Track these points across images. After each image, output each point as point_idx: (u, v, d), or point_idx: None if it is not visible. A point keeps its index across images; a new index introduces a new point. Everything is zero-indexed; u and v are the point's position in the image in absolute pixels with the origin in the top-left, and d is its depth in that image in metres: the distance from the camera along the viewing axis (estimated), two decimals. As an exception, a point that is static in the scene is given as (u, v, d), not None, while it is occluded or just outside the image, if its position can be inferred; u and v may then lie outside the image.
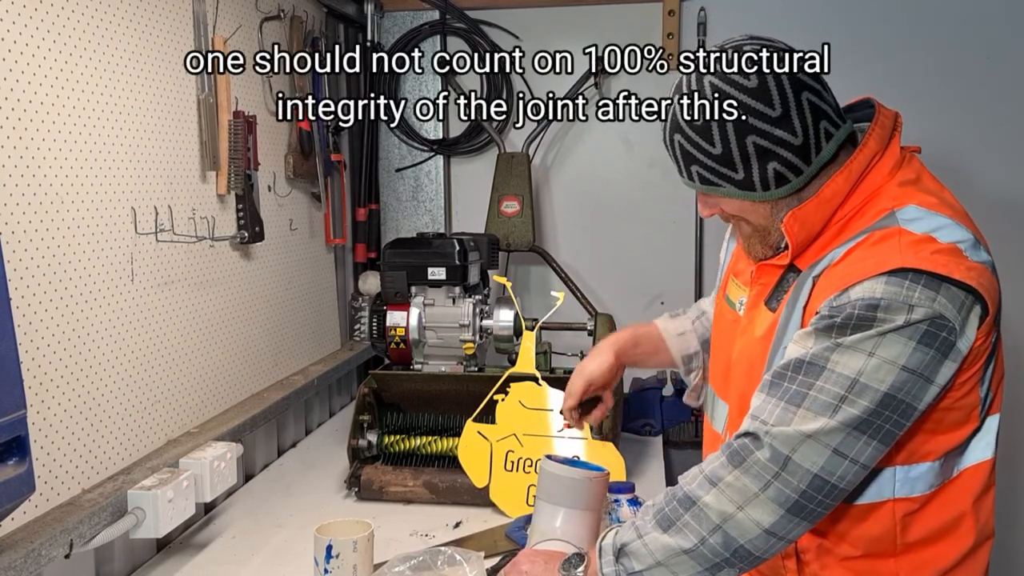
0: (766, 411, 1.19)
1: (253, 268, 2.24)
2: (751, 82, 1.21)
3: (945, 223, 1.21)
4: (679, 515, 1.20)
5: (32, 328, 1.45)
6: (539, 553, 1.36)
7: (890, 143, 1.29)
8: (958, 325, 1.15)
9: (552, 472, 1.42)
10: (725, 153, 1.24)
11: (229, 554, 1.77)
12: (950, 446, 1.24)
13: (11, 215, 1.40)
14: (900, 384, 1.14)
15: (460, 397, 2.10)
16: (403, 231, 3.02)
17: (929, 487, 1.25)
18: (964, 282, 1.15)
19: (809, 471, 1.14)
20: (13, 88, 1.41)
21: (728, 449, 1.20)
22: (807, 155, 1.24)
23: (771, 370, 1.22)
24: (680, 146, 1.28)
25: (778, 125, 1.21)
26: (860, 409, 1.14)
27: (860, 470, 1.16)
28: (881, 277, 1.15)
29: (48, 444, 1.48)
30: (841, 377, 1.15)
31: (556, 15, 2.91)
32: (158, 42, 1.81)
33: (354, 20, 2.89)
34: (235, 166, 2.05)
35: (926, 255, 1.16)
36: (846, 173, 1.25)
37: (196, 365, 1.97)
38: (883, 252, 1.18)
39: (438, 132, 3.00)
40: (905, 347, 1.14)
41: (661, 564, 1.20)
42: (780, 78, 1.21)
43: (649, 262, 2.96)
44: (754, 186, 1.26)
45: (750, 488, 1.16)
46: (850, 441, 1.15)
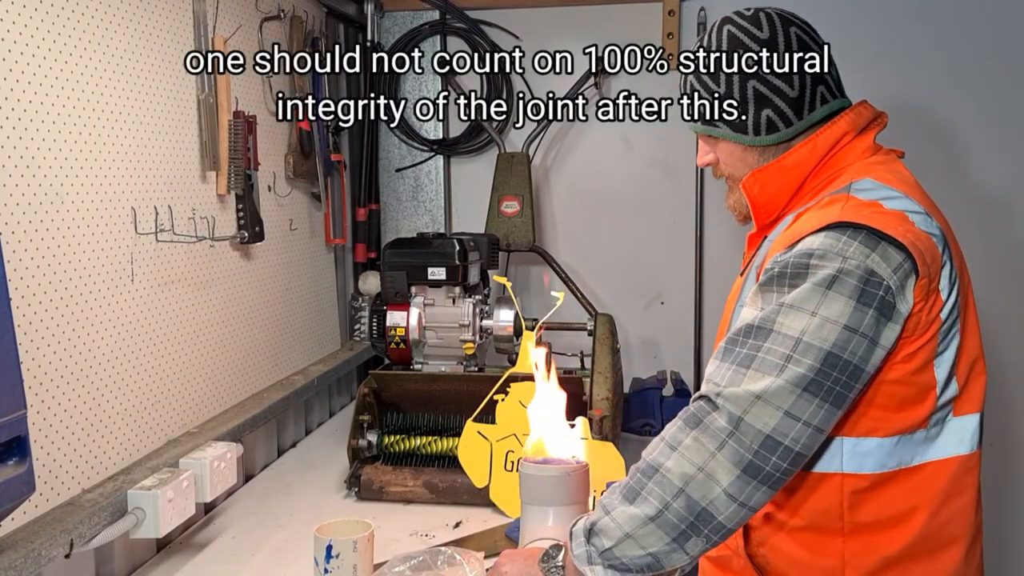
0: (719, 375, 1.20)
1: (253, 268, 2.24)
2: (763, 34, 1.36)
3: (896, 195, 1.26)
4: (643, 484, 1.18)
5: (32, 328, 1.45)
6: (519, 552, 1.35)
7: (865, 131, 1.38)
8: (894, 285, 1.17)
9: (530, 474, 1.42)
10: (727, 94, 1.38)
11: (229, 554, 1.77)
12: (902, 426, 1.24)
13: (11, 215, 1.40)
14: (843, 343, 1.15)
15: (460, 397, 2.10)
16: (403, 231, 3.02)
17: (880, 466, 1.25)
18: (901, 242, 1.17)
19: (761, 431, 1.14)
20: (13, 88, 1.41)
21: (685, 413, 1.20)
22: (800, 109, 1.36)
23: (726, 335, 1.24)
24: (690, 85, 1.43)
25: (779, 76, 1.35)
26: (805, 368, 1.15)
27: (814, 432, 1.16)
28: (821, 232, 1.20)
29: (48, 444, 1.48)
30: (786, 338, 1.16)
31: (556, 15, 2.91)
32: (158, 42, 1.81)
33: (354, 20, 2.89)
34: (235, 166, 2.05)
35: (866, 214, 1.21)
36: (810, 145, 1.35)
37: (196, 365, 1.97)
38: (827, 212, 1.24)
39: (438, 132, 3.00)
40: (845, 306, 1.15)
41: (629, 536, 1.17)
42: (789, 36, 1.36)
43: (649, 262, 2.96)
44: (747, 129, 1.38)
45: (707, 447, 1.16)
46: (800, 403, 1.14)
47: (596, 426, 1.96)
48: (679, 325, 2.95)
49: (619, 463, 1.91)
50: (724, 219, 2.86)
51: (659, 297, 2.97)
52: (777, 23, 1.37)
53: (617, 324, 2.36)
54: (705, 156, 1.48)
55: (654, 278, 2.96)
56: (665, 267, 2.95)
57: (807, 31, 1.39)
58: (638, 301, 2.98)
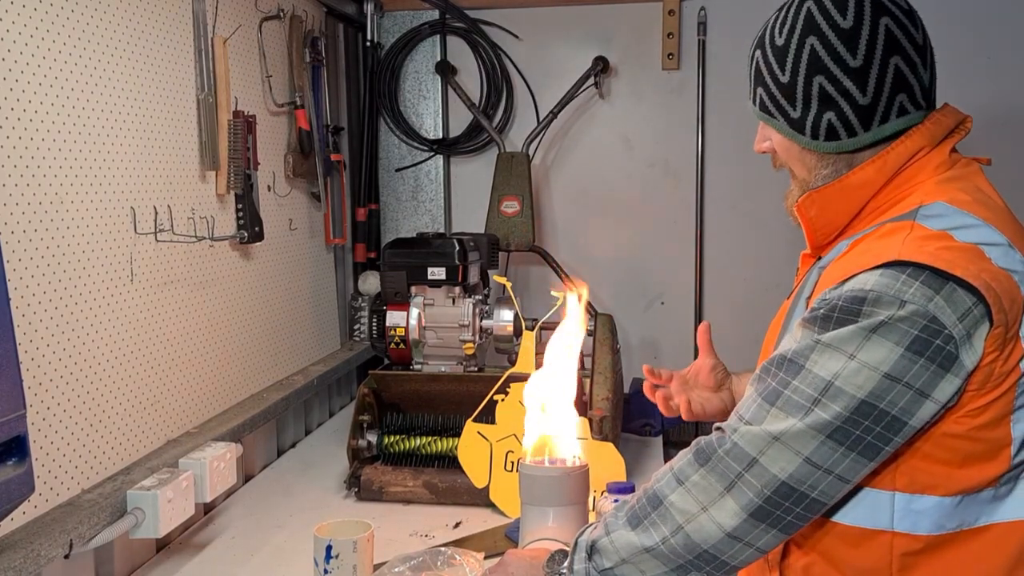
0: (744, 406, 1.12)
1: (253, 268, 2.24)
2: (846, 22, 1.16)
3: (972, 222, 1.09)
4: (647, 513, 1.14)
5: (32, 328, 1.44)
6: (524, 552, 1.35)
7: (942, 142, 1.19)
8: (958, 334, 1.02)
9: (530, 474, 1.42)
10: (790, 84, 1.20)
11: (229, 554, 1.77)
12: (966, 485, 1.09)
13: (11, 215, 1.40)
14: (881, 392, 1.02)
15: (460, 397, 2.10)
16: (403, 231, 3.02)
17: (937, 527, 1.10)
18: (971, 283, 1.02)
19: (776, 477, 1.05)
20: (13, 88, 1.41)
21: (696, 446, 1.13)
22: (869, 119, 1.17)
23: (763, 364, 1.15)
24: (756, 63, 1.25)
25: (851, 76, 1.16)
26: (831, 415, 1.04)
27: (836, 482, 1.06)
28: (876, 270, 1.05)
29: (48, 444, 1.48)
30: (817, 378, 1.05)
31: (556, 15, 2.91)
32: (158, 42, 1.81)
33: (354, 20, 2.89)
34: (235, 166, 2.04)
35: (930, 250, 1.05)
36: (879, 163, 1.18)
37: (196, 365, 1.96)
38: (886, 245, 1.08)
39: (438, 132, 3.00)
40: (891, 352, 1.02)
41: (626, 562, 1.14)
42: (877, 30, 1.15)
43: (649, 262, 2.96)
44: (804, 129, 1.20)
45: (715, 487, 1.08)
46: (823, 449, 1.04)
47: (596, 426, 1.96)
48: (679, 325, 2.95)
49: (619, 463, 1.91)
50: (724, 219, 2.87)
51: (659, 297, 2.97)
52: (867, 9, 1.16)
53: (617, 324, 2.36)
54: (762, 143, 1.29)
55: (654, 278, 2.96)
56: (665, 267, 2.95)
57: (905, 24, 1.17)
58: (638, 301, 2.98)
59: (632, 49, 2.88)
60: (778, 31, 1.21)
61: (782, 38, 1.20)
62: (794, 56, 1.19)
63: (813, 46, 1.17)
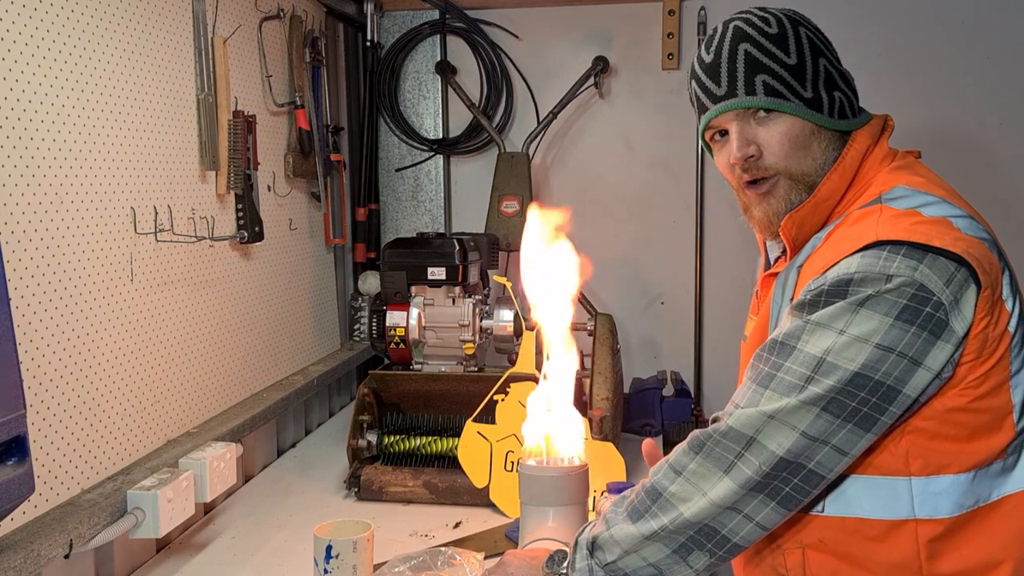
0: (738, 394, 1.15)
1: (253, 268, 2.24)
2: (772, 28, 1.25)
3: (933, 200, 1.15)
4: (647, 506, 1.16)
5: (32, 328, 1.44)
6: (524, 552, 1.35)
7: (880, 138, 1.29)
8: (947, 300, 1.05)
9: (530, 474, 1.42)
10: (799, 65, 1.23)
11: (229, 554, 1.77)
12: (978, 459, 1.12)
13: (11, 215, 1.40)
14: (874, 363, 1.05)
15: (460, 397, 2.10)
16: (403, 231, 3.02)
17: (957, 508, 1.12)
18: (950, 250, 1.06)
19: (774, 453, 1.07)
20: (13, 88, 1.41)
21: (692, 437, 1.17)
22: (855, 105, 1.29)
23: (753, 354, 1.18)
24: (747, 54, 1.24)
25: (839, 64, 1.29)
26: (824, 388, 1.06)
27: (834, 453, 1.07)
28: (857, 253, 1.09)
29: (48, 444, 1.48)
30: (808, 356, 1.08)
31: (556, 15, 2.91)
32: (158, 41, 1.81)
33: (354, 20, 2.89)
34: (235, 166, 2.04)
35: (905, 226, 1.09)
36: (840, 170, 1.24)
37: (196, 365, 1.96)
38: (861, 229, 1.13)
39: (438, 132, 3.00)
40: (880, 323, 1.05)
41: (629, 552, 1.16)
42: (800, 35, 1.27)
43: (649, 262, 2.96)
44: (822, 107, 1.24)
45: (714, 472, 1.11)
46: (819, 422, 1.06)
47: (596, 426, 1.96)
48: (679, 325, 2.95)
49: (619, 463, 1.91)
50: (724, 219, 2.87)
51: (659, 297, 2.97)
52: (787, 22, 1.27)
53: (617, 324, 2.36)
54: (747, 147, 1.25)
55: (654, 278, 2.96)
56: (665, 267, 2.95)
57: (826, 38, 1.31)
58: (638, 301, 2.97)
59: (632, 49, 2.87)
60: (762, 22, 1.26)
61: (774, 26, 1.25)
62: (795, 39, 1.25)
63: (808, 32, 1.27)
